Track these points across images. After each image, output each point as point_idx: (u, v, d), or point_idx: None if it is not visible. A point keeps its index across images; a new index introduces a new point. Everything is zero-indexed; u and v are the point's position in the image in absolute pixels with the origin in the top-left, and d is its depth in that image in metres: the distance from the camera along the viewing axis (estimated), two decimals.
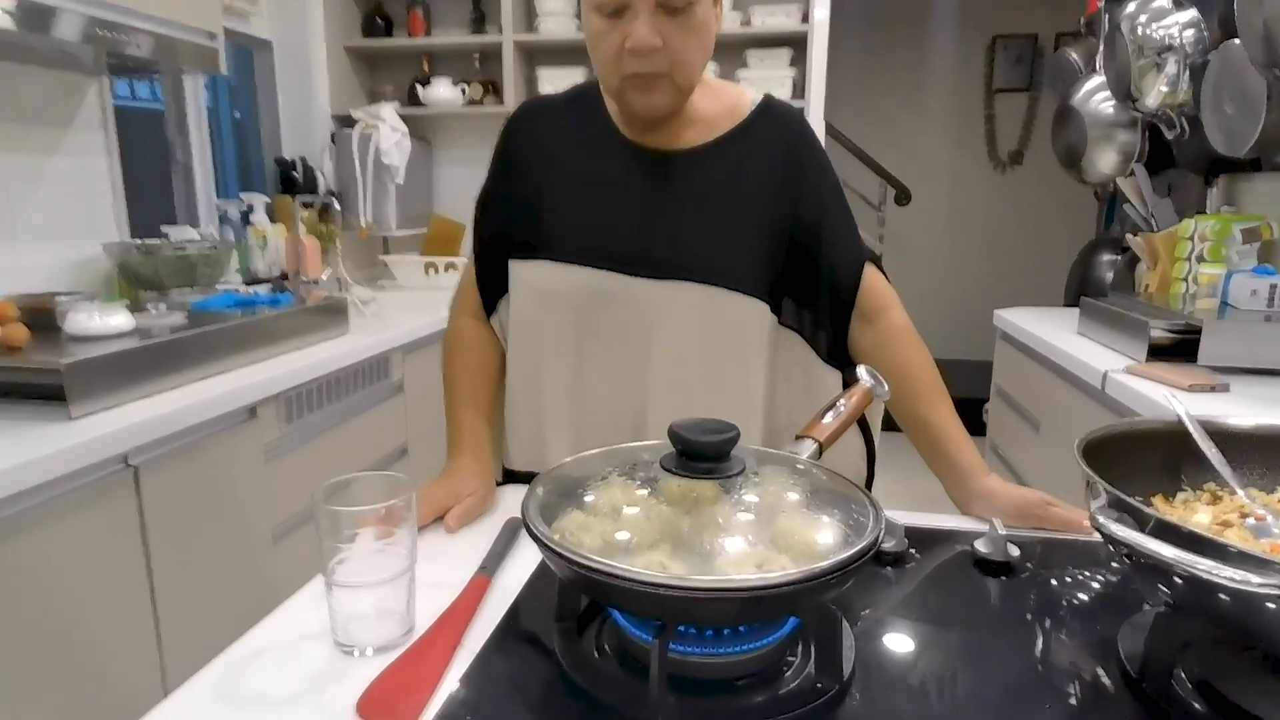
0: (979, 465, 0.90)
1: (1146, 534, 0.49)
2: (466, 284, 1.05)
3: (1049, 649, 0.61)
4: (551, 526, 0.55)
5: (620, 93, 0.88)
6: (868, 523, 0.56)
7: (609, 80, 0.88)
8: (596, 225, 0.93)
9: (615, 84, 0.87)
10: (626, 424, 0.95)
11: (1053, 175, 2.98)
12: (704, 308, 0.91)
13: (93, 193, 1.83)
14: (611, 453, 0.67)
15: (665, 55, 0.83)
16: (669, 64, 0.84)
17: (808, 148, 0.97)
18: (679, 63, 0.85)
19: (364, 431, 1.84)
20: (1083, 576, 0.72)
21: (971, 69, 4.33)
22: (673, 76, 0.85)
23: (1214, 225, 1.90)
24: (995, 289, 4.17)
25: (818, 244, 0.95)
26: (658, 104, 0.88)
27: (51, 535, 1.06)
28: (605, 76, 0.89)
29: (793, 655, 0.58)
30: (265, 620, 0.66)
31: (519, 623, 0.64)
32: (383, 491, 0.62)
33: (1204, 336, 1.50)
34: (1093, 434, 0.63)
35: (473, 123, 2.99)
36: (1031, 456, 2.15)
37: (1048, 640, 0.62)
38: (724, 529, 0.55)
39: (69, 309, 1.35)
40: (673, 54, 0.84)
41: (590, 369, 0.95)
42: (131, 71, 1.91)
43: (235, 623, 0.64)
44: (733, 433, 0.58)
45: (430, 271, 2.73)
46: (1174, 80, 1.97)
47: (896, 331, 0.97)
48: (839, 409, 0.76)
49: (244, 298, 1.72)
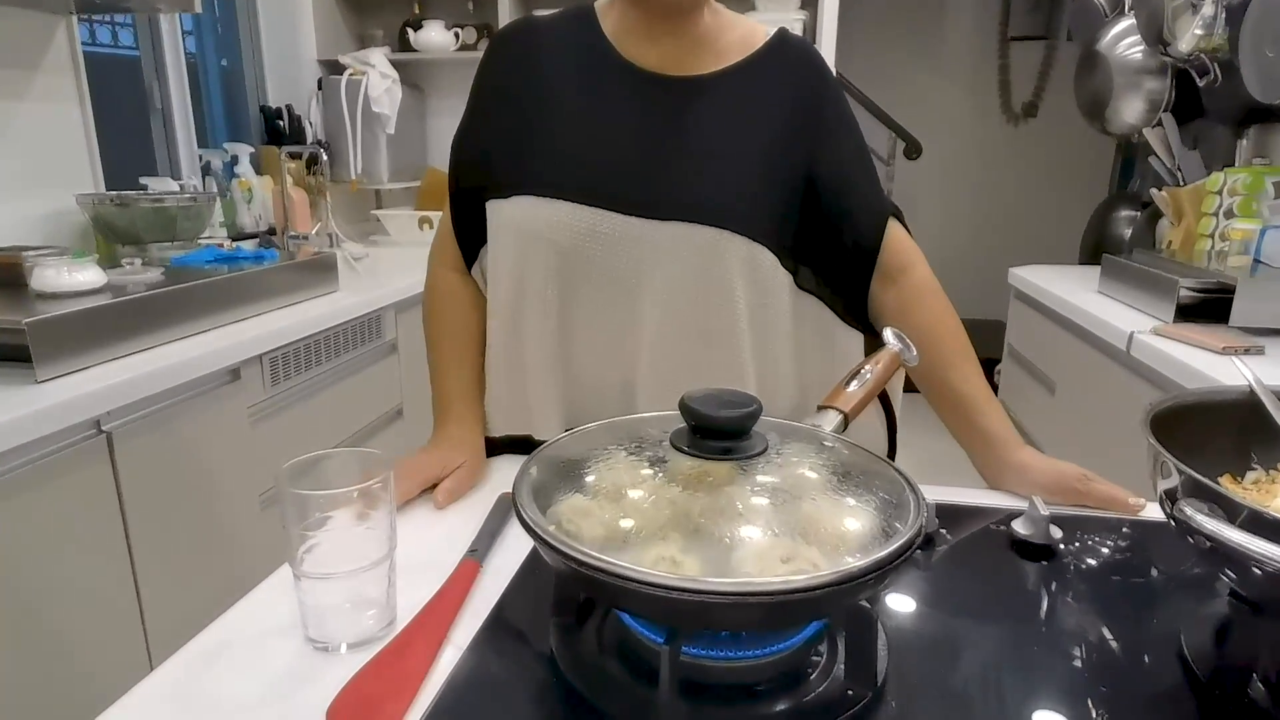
0: (1012, 436, 0.82)
1: (1238, 525, 0.42)
2: (444, 233, 0.94)
3: (1103, 644, 0.55)
4: (547, 514, 0.49)
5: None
6: (905, 508, 0.49)
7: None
8: (587, 156, 0.83)
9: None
10: (617, 383, 0.86)
11: (1069, 128, 2.86)
12: (707, 253, 0.81)
13: (64, 141, 1.72)
14: (613, 426, 0.60)
15: None
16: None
17: (827, 89, 0.88)
18: None
19: (356, 393, 1.77)
20: (1133, 560, 0.66)
21: (986, 16, 4.15)
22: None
23: (1246, 179, 1.81)
24: (1007, 246, 4.07)
25: (838, 196, 0.86)
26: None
27: (19, 506, 1.00)
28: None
29: (818, 655, 0.51)
30: (230, 611, 0.59)
31: (511, 615, 0.58)
32: (357, 470, 0.55)
33: (1238, 296, 1.43)
34: (1159, 405, 0.56)
35: (467, 69, 2.84)
36: (1045, 419, 2.08)
37: (1102, 634, 0.56)
38: (743, 516, 0.48)
39: (37, 264, 1.27)
40: None
41: (578, 319, 0.85)
42: (100, 9, 1.79)
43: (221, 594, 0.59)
44: (753, 406, 0.51)
45: (425, 226, 2.63)
46: (1210, 23, 1.86)
47: (921, 291, 0.89)
48: (864, 376, 0.69)
49: (226, 253, 1.64)
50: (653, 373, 0.85)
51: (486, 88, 0.89)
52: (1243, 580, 0.47)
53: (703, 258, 0.81)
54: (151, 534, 1.20)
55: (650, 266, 0.82)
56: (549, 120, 0.84)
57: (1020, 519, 0.69)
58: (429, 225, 2.63)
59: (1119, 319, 1.61)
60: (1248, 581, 0.46)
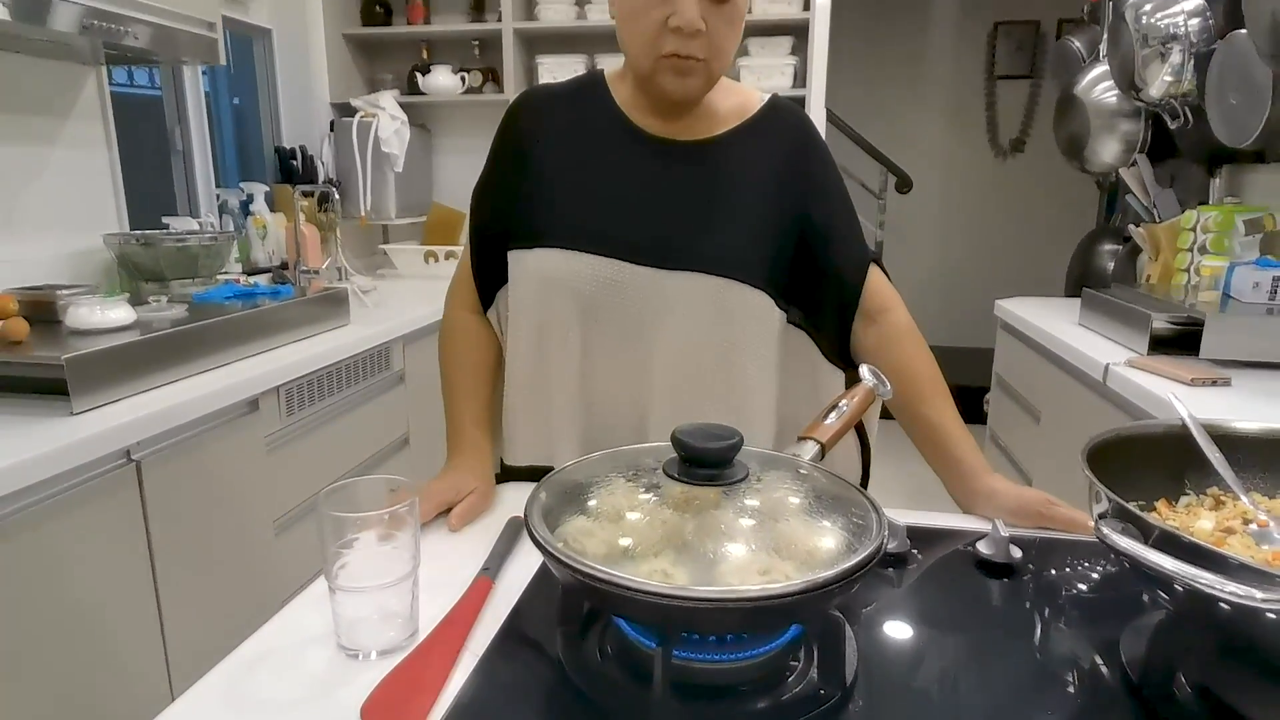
0: (981, 464, 0.90)
1: (1149, 545, 0.49)
2: (462, 277, 1.03)
3: (1051, 652, 0.61)
4: (555, 532, 0.55)
5: (652, 74, 0.87)
6: (870, 527, 0.56)
7: (641, 60, 0.86)
8: (603, 213, 0.92)
9: (648, 65, 0.86)
10: (632, 416, 0.94)
11: (1054, 164, 2.97)
12: (713, 299, 0.90)
13: (92, 183, 1.82)
14: (614, 455, 0.67)
15: (706, 41, 0.84)
16: (708, 50, 0.84)
17: (816, 150, 0.98)
18: (717, 50, 0.85)
19: (366, 422, 1.84)
20: (1085, 578, 0.72)
21: (973, 56, 4.30)
22: (709, 63, 0.86)
23: (1217, 216, 1.90)
24: (995, 277, 4.16)
25: (824, 243, 0.95)
26: (691, 89, 0.87)
27: (53, 532, 1.06)
28: (638, 56, 0.87)
29: (796, 660, 0.58)
30: (269, 623, 0.66)
31: (522, 626, 0.65)
32: (385, 494, 0.62)
33: (1206, 330, 1.50)
34: (1097, 438, 0.63)
35: (472, 110, 2.97)
36: (1032, 447, 2.15)
37: (1050, 643, 0.62)
38: (727, 535, 0.55)
39: (70, 303, 1.35)
40: (714, 40, 0.84)
41: (596, 359, 0.94)
42: (130, 61, 1.89)
43: (239, 616, 0.65)
44: (735, 439, 0.58)
45: (430, 260, 2.73)
46: (1178, 70, 1.96)
47: (899, 331, 0.97)
48: (841, 409, 0.76)
49: (245, 289, 1.72)
50: (665, 406, 0.93)
51: (506, 149, 0.98)
52: (1161, 593, 0.53)
53: (710, 303, 0.91)
54: (174, 560, 1.26)
55: (663, 312, 0.91)
56: (566, 179, 0.93)
57: (984, 540, 0.75)
58: (434, 259, 2.72)
59: (1097, 351, 1.68)
60: (1165, 594, 0.53)
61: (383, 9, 2.86)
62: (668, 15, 0.82)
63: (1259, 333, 1.50)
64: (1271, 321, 1.52)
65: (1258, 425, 0.67)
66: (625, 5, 0.85)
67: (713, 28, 0.83)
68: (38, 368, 1.17)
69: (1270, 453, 0.65)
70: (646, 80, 0.89)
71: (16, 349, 1.23)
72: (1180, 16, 1.93)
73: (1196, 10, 1.91)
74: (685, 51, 0.83)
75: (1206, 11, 1.91)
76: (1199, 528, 0.58)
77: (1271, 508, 0.62)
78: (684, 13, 0.81)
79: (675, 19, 0.81)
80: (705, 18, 0.82)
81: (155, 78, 2.28)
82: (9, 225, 1.63)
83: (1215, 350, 1.50)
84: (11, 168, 1.63)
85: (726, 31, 0.85)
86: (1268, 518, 0.58)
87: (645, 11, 0.83)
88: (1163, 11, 1.95)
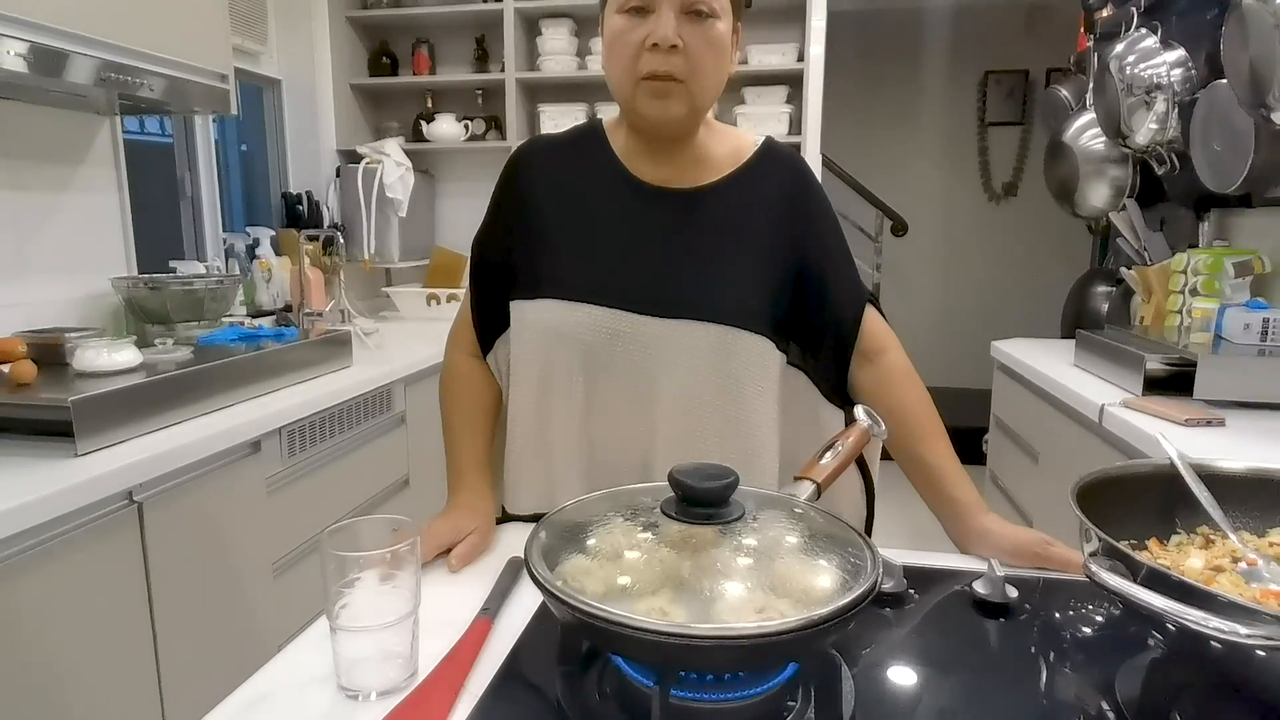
0: (977, 504, 0.90)
1: (1138, 583, 0.50)
2: (462, 322, 1.05)
3: (1048, 691, 0.61)
4: (554, 571, 0.56)
5: (634, 98, 0.88)
6: (865, 566, 0.57)
7: (623, 85, 0.88)
8: (604, 263, 0.94)
9: (629, 90, 0.87)
10: (636, 463, 0.95)
11: (1047, 207, 3.03)
12: (714, 346, 0.92)
13: (102, 229, 1.85)
14: (613, 495, 0.68)
15: (684, 59, 0.85)
16: (686, 70, 0.85)
17: (810, 190, 0.99)
18: (695, 70, 0.86)
19: (366, 464, 1.85)
20: (1081, 617, 0.73)
21: (964, 103, 4.40)
22: (688, 85, 0.86)
23: (1206, 259, 1.93)
24: (992, 318, 4.20)
25: (821, 285, 0.97)
26: (671, 112, 0.88)
27: (55, 572, 1.06)
28: (619, 81, 0.88)
29: (793, 700, 0.58)
30: (269, 664, 0.66)
31: (521, 666, 0.65)
32: (386, 534, 0.63)
33: (1199, 370, 1.52)
34: (1087, 478, 0.64)
35: (475, 157, 3.04)
36: (1031, 488, 2.15)
37: (1047, 683, 0.63)
38: (724, 574, 0.56)
39: (78, 345, 1.37)
40: (691, 59, 0.85)
41: (599, 408, 0.95)
42: (143, 111, 1.94)
43: (235, 659, 0.65)
44: (731, 478, 0.59)
45: (432, 303, 2.76)
46: (1163, 118, 2.01)
47: (896, 372, 0.99)
48: (837, 449, 0.77)
49: (249, 332, 1.74)
50: (668, 452, 0.94)
51: (508, 199, 1.00)
52: (1155, 632, 0.54)
53: (710, 349, 0.92)
54: (172, 602, 1.25)
55: (664, 359, 0.92)
56: (565, 230, 0.95)
57: (980, 580, 0.76)
58: (436, 301, 2.76)
59: (1092, 391, 1.69)
60: (1158, 633, 0.54)
61: (389, 60, 2.94)
62: (646, 34, 0.84)
63: (1251, 373, 1.52)
64: (1263, 362, 1.54)
65: (1244, 465, 0.68)
66: (609, 32, 0.88)
67: (690, 45, 0.85)
68: (45, 409, 1.18)
69: (1257, 491, 0.66)
70: (629, 107, 0.90)
71: (24, 391, 1.24)
72: (1163, 67, 1.99)
73: (1179, 61, 1.98)
74: (663, 69, 0.85)
75: (1188, 62, 1.97)
76: (1189, 566, 0.59)
77: (1260, 546, 0.63)
78: (659, 29, 0.83)
79: (652, 36, 0.84)
80: (682, 35, 0.84)
81: (166, 125, 2.34)
82: (20, 269, 1.66)
83: (1208, 391, 1.52)
84: (25, 213, 1.67)
85: (705, 50, 0.86)
86: (1256, 556, 0.59)
87: (624, 34, 0.86)
88: (1146, 62, 2.01)
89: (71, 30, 1.38)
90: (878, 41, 4.35)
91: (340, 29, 2.81)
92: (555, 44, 2.78)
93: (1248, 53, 1.52)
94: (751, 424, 0.95)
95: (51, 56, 1.36)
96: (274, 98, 2.67)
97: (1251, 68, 1.52)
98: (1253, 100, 1.54)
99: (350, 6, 2.87)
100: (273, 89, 2.66)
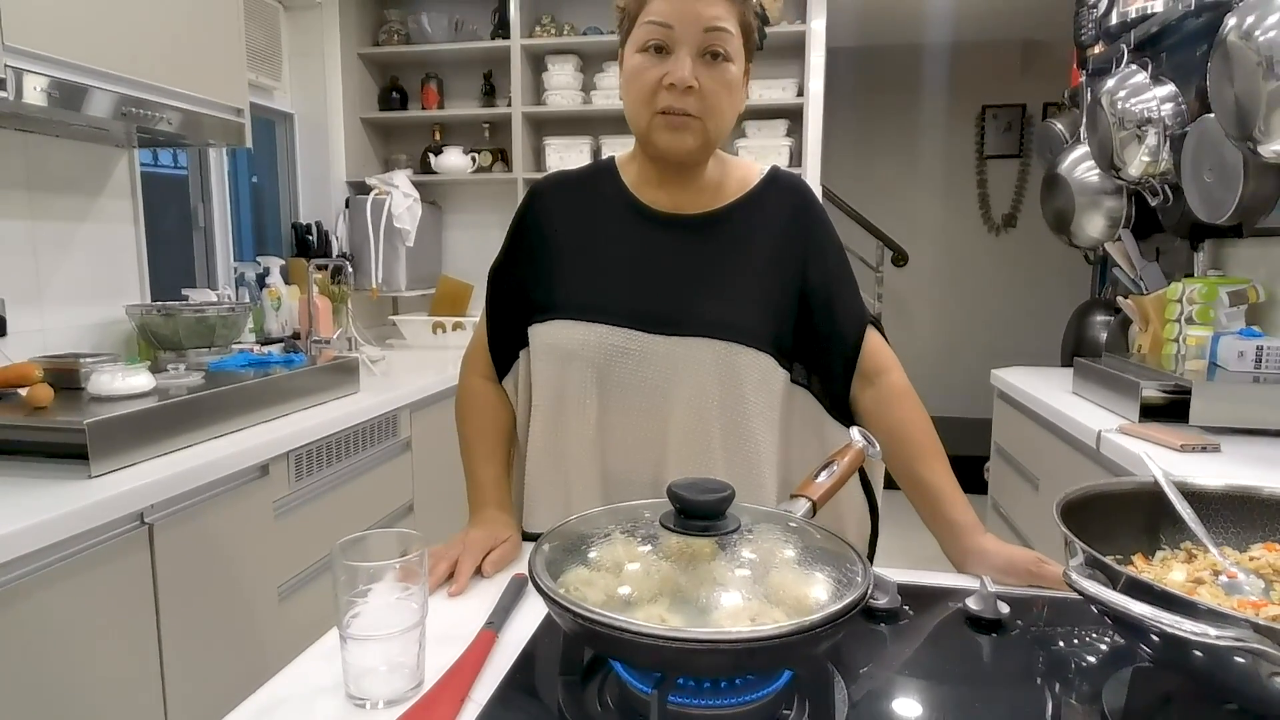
0: (974, 523, 0.92)
1: (1118, 591, 0.52)
2: (478, 348, 1.09)
3: (1038, 705, 0.63)
4: (557, 581, 0.59)
5: (649, 131, 0.93)
6: (857, 578, 0.59)
7: (640, 118, 0.93)
8: (613, 285, 0.98)
9: (645, 122, 0.92)
10: (647, 478, 0.98)
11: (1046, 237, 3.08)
12: (718, 363, 0.95)
13: (118, 258, 1.90)
14: (614, 510, 0.70)
15: (699, 99, 0.90)
16: (701, 108, 0.90)
17: (814, 214, 1.03)
18: (710, 108, 0.91)
19: (372, 489, 1.87)
20: (1072, 633, 0.74)
21: (963, 136, 4.47)
22: (704, 122, 0.91)
23: (1201, 288, 1.96)
24: (992, 348, 4.22)
25: (825, 305, 1.00)
26: (685, 144, 0.92)
27: (66, 592, 1.08)
28: (636, 113, 0.93)
29: (788, 708, 0.60)
30: (280, 673, 0.68)
31: (524, 676, 0.67)
32: (396, 547, 0.66)
33: (1194, 397, 1.54)
34: (1071, 494, 0.67)
35: (481, 188, 3.10)
36: (1032, 515, 2.16)
37: (1037, 696, 0.64)
38: (720, 584, 0.58)
39: (93, 370, 1.40)
40: (706, 99, 0.90)
41: (612, 425, 0.98)
42: (159, 144, 2.00)
43: (239, 681, 0.67)
44: (727, 492, 0.62)
45: (438, 331, 2.80)
46: (1155, 151, 2.05)
47: (896, 392, 1.01)
48: (832, 469, 0.80)
49: (259, 358, 1.78)
50: (678, 465, 0.97)
51: (524, 231, 1.05)
52: (1141, 645, 0.56)
53: (718, 367, 0.95)
54: (180, 623, 1.27)
55: (673, 377, 0.96)
56: (578, 256, 1.00)
57: (973, 596, 0.78)
58: (442, 329, 2.79)
59: (1090, 419, 1.71)
60: (1141, 643, 0.55)
61: (399, 94, 3.02)
62: (663, 74, 0.89)
63: (1246, 400, 1.54)
64: (1258, 389, 1.56)
65: (1223, 482, 0.70)
66: (628, 67, 0.93)
67: (705, 86, 0.90)
68: (60, 432, 1.21)
69: (1237, 508, 0.69)
70: (645, 139, 0.95)
71: (40, 414, 1.28)
72: (1154, 102, 2.03)
73: (1169, 96, 2.02)
74: (679, 107, 0.90)
75: (1179, 96, 2.01)
76: (1171, 579, 0.61)
77: (1241, 560, 0.64)
78: (677, 70, 0.88)
79: (670, 76, 0.89)
80: (698, 76, 0.89)
81: (180, 157, 2.40)
82: (39, 297, 1.70)
83: (1204, 417, 1.53)
84: (44, 243, 1.71)
85: (719, 90, 0.91)
86: (1236, 569, 0.61)
87: (643, 72, 0.91)
88: (1137, 97, 2.06)
89: (93, 66, 1.43)
90: (877, 76, 4.44)
91: (352, 65, 2.89)
92: (560, 79, 2.86)
93: (1233, 88, 1.56)
94: (755, 440, 0.98)
95: (73, 91, 1.41)
96: (286, 131, 2.74)
97: (1237, 102, 1.56)
98: (1239, 133, 1.58)
99: (362, 44, 2.95)
100: (285, 122, 2.74)
